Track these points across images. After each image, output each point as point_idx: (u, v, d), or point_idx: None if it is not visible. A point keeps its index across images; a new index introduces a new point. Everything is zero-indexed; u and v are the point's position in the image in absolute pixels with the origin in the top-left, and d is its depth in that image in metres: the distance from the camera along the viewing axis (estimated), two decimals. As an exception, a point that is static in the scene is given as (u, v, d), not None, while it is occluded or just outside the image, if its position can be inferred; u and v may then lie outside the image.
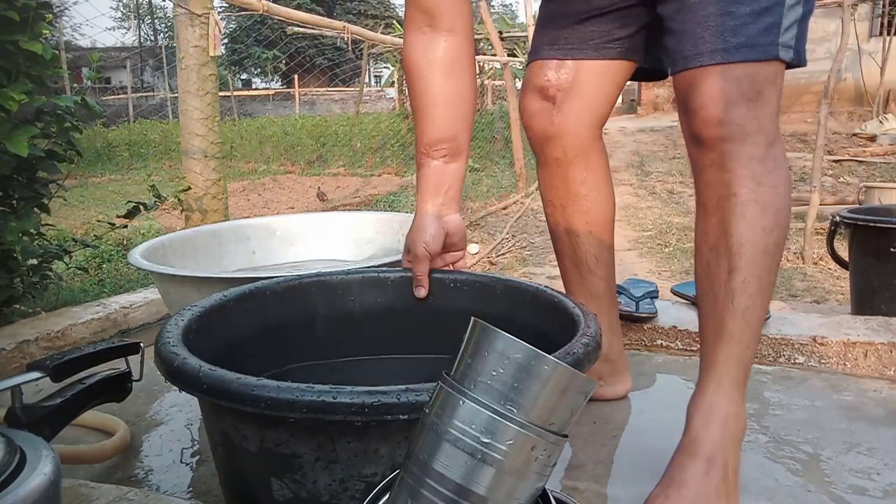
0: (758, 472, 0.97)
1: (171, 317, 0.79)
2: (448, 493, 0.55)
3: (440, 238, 1.00)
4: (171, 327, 0.79)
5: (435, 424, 0.57)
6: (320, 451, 0.65)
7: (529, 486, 0.57)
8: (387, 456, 0.66)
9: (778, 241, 0.87)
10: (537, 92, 1.11)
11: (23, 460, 0.58)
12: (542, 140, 1.12)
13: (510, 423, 0.55)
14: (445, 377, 0.59)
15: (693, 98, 0.86)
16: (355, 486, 0.67)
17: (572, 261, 1.16)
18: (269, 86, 26.64)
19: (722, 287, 0.86)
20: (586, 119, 1.10)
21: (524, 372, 0.55)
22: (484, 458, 0.55)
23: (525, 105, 1.13)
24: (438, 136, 1.00)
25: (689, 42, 0.87)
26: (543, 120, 1.11)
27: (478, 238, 4.97)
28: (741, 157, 0.84)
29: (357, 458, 0.65)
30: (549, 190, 1.16)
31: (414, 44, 0.99)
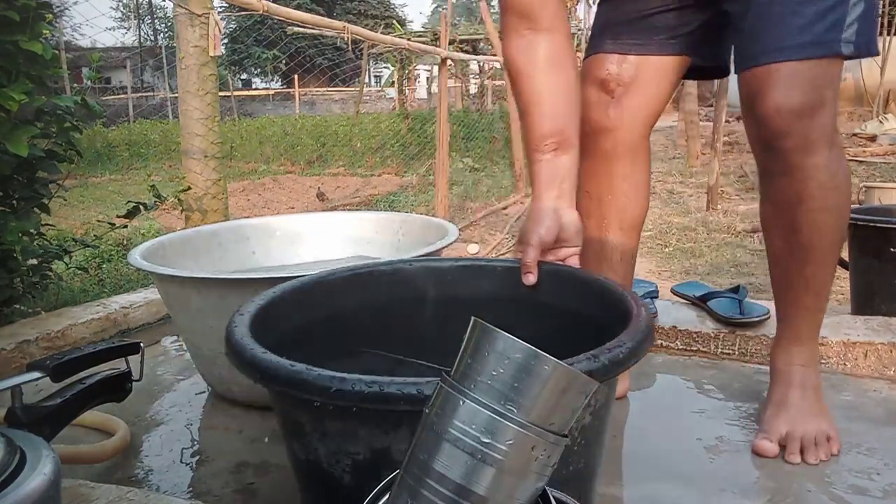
0: (758, 472, 0.97)
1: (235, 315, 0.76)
2: (448, 493, 0.55)
3: (554, 231, 0.96)
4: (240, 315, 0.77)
5: (435, 424, 0.57)
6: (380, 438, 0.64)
7: (529, 486, 0.57)
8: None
9: (843, 228, 1.01)
10: (597, 84, 1.13)
11: (23, 460, 0.58)
12: (596, 131, 1.13)
13: (510, 423, 0.55)
14: (445, 377, 0.59)
15: (761, 104, 0.93)
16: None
17: (596, 255, 1.17)
18: (269, 86, 26.64)
19: (795, 274, 1.03)
20: (642, 116, 1.13)
21: (524, 372, 0.55)
22: (484, 458, 0.55)
23: (584, 95, 1.12)
24: (548, 131, 0.98)
25: (757, 40, 0.93)
26: (600, 112, 1.12)
27: (478, 238, 4.97)
28: (808, 168, 0.94)
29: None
30: (590, 180, 1.16)
31: (516, 46, 0.99)
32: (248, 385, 1.18)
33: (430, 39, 9.55)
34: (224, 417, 1.20)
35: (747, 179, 6.97)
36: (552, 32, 0.98)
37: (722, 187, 6.07)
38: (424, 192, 6.89)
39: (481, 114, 10.35)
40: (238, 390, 1.21)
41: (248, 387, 1.19)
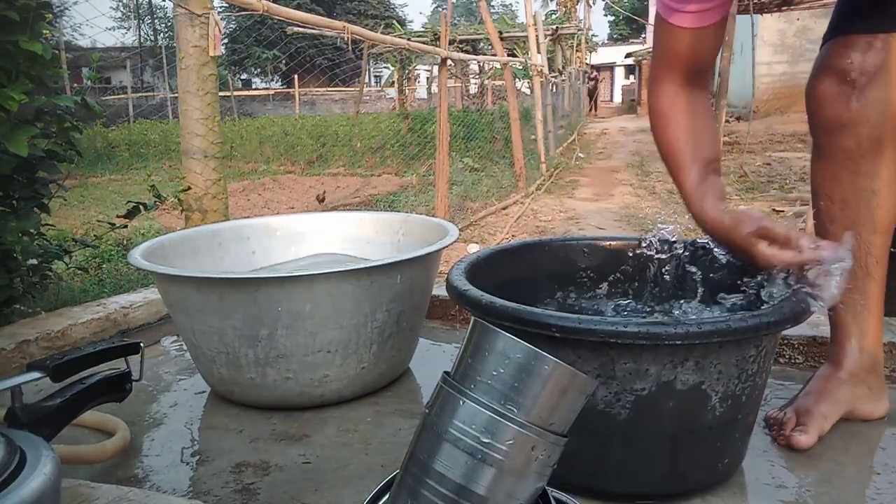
0: (758, 472, 0.97)
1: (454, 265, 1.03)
2: (448, 493, 0.55)
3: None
4: (457, 267, 1.01)
5: (435, 424, 0.57)
6: (601, 370, 0.81)
7: (529, 485, 0.57)
8: (654, 374, 0.80)
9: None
10: (835, 74, 1.02)
11: (23, 460, 0.58)
12: (833, 128, 1.04)
13: (510, 423, 0.55)
14: (446, 377, 0.59)
15: None
16: (626, 398, 0.82)
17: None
18: (269, 86, 26.63)
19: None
20: (890, 107, 1.01)
21: (524, 372, 0.55)
22: (484, 458, 0.55)
23: (817, 88, 1.04)
24: (712, 155, 1.02)
25: None
26: (838, 106, 1.02)
27: (478, 238, 4.96)
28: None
29: (630, 375, 0.81)
30: (830, 183, 1.07)
31: (672, 94, 1.03)
32: (248, 385, 1.18)
33: (430, 39, 9.56)
34: (224, 417, 1.20)
35: (747, 179, 6.97)
36: (703, 90, 1.06)
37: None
38: (424, 192, 6.88)
39: (481, 114, 10.35)
40: (238, 390, 1.21)
41: (248, 387, 1.19)
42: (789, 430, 1.02)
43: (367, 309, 1.17)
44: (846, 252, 0.85)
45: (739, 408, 0.86)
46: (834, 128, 1.03)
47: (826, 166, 1.07)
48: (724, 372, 0.83)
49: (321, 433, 1.13)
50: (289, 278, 1.11)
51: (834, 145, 1.05)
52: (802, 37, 13.40)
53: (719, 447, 0.88)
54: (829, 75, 1.03)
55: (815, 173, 1.09)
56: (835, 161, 1.06)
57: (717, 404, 0.84)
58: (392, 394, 1.28)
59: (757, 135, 10.23)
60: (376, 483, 0.65)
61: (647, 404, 0.82)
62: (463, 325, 1.65)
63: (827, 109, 1.04)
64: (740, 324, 0.78)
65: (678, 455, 0.87)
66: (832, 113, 1.03)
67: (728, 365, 0.82)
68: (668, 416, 0.83)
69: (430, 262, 1.30)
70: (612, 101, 34.46)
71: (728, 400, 0.84)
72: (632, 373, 0.81)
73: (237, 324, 1.13)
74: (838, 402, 1.06)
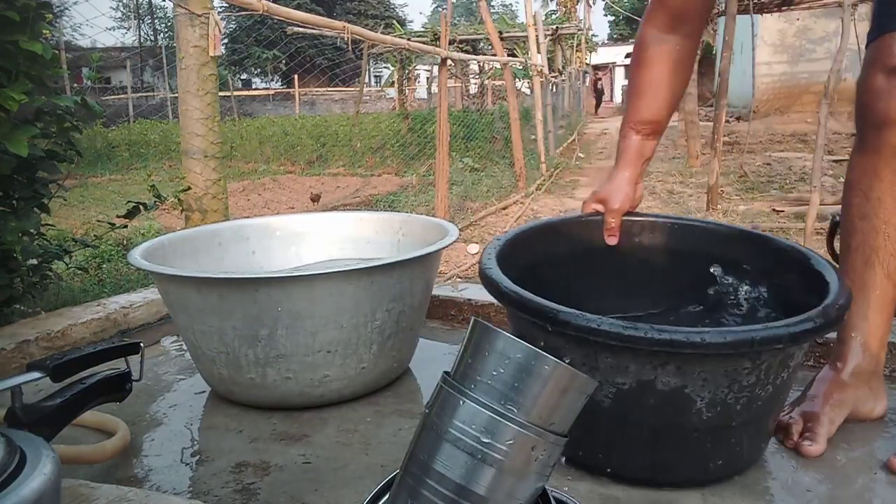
0: (758, 471, 0.97)
1: (487, 247, 1.06)
2: (448, 493, 0.55)
3: (630, 199, 1.17)
4: (489, 251, 1.05)
5: (435, 424, 0.57)
6: (586, 360, 0.85)
7: (529, 485, 0.57)
8: (634, 372, 0.83)
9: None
10: (886, 71, 1.01)
11: (23, 460, 0.58)
12: (883, 123, 1.03)
13: (510, 423, 0.55)
14: (446, 377, 0.59)
15: None
16: (609, 389, 0.85)
17: (867, 261, 1.07)
18: (269, 86, 26.63)
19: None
20: None
21: (524, 372, 0.55)
22: (484, 458, 0.55)
23: (869, 83, 1.04)
24: (649, 118, 1.15)
25: None
26: (890, 101, 1.01)
27: (478, 238, 4.96)
28: None
29: (611, 369, 0.84)
30: (871, 179, 1.06)
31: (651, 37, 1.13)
32: (248, 385, 1.18)
33: (430, 39, 9.56)
34: (224, 417, 1.20)
35: (747, 179, 6.97)
36: (687, 38, 1.11)
37: (722, 187, 6.07)
38: (424, 192, 6.89)
39: (481, 114, 10.35)
40: (238, 390, 1.21)
41: (248, 387, 1.19)
42: (797, 437, 1.02)
43: (367, 309, 1.17)
44: None
45: (733, 415, 0.86)
46: (884, 123, 1.02)
47: (868, 161, 1.06)
48: (711, 380, 0.82)
49: (321, 433, 1.13)
50: (289, 278, 1.11)
51: (881, 141, 1.04)
52: (802, 37, 13.39)
53: (709, 448, 0.88)
54: (879, 70, 1.02)
55: (855, 167, 1.09)
56: (879, 157, 1.05)
57: (704, 409, 0.84)
58: (392, 394, 1.28)
59: (757, 135, 10.23)
60: (376, 483, 0.65)
61: (629, 397, 0.84)
62: (463, 325, 1.65)
63: (879, 104, 1.02)
64: (717, 339, 0.78)
65: (661, 448, 0.88)
66: (883, 108, 1.02)
67: (715, 374, 0.82)
68: (650, 411, 0.85)
69: (430, 262, 1.30)
70: (613, 102, 34.46)
71: (717, 406, 0.84)
72: (612, 367, 0.84)
73: (237, 324, 1.13)
74: (843, 405, 1.06)
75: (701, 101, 10.09)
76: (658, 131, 1.17)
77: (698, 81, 5.91)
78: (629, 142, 1.17)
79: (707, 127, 8.59)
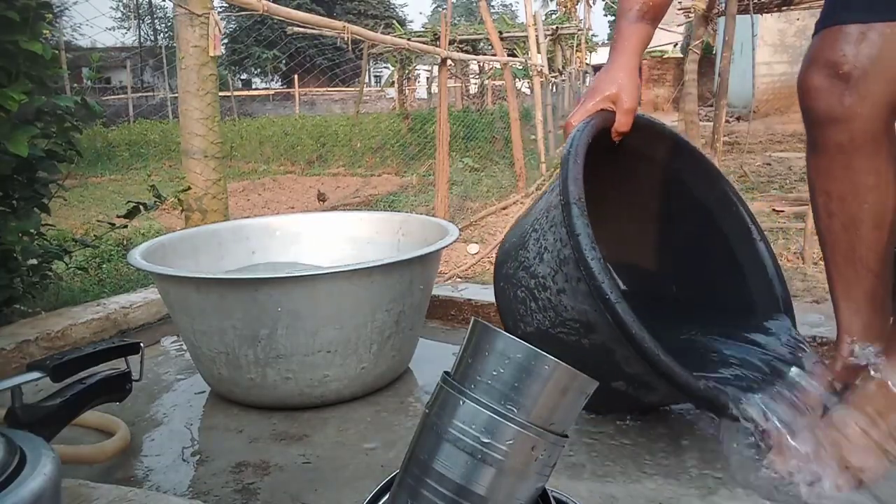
0: (758, 471, 0.97)
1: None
2: (448, 493, 0.55)
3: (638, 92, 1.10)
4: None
5: (435, 425, 0.57)
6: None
7: (529, 486, 0.57)
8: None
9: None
10: (827, 67, 0.98)
11: (23, 460, 0.58)
12: (825, 122, 1.01)
13: (510, 423, 0.55)
14: (446, 377, 0.59)
15: None
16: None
17: (847, 259, 1.05)
18: (269, 86, 26.62)
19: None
20: (885, 101, 0.97)
21: (524, 372, 0.55)
22: (484, 458, 0.55)
23: (808, 82, 1.01)
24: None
25: None
26: (830, 100, 0.98)
27: (478, 238, 4.96)
28: None
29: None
30: (825, 179, 1.04)
31: None
32: (248, 385, 1.18)
33: (430, 39, 9.56)
34: (224, 417, 1.20)
35: (747, 179, 6.97)
36: None
37: (722, 187, 6.05)
38: (424, 192, 6.88)
39: (481, 114, 10.35)
40: (238, 390, 1.21)
41: (248, 387, 1.19)
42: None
43: (367, 309, 1.17)
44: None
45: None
46: (826, 122, 1.00)
47: (820, 162, 1.05)
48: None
49: (321, 433, 1.13)
50: (289, 278, 1.11)
51: (827, 140, 1.02)
52: (802, 37, 13.38)
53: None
54: (821, 68, 0.99)
55: (811, 169, 1.07)
56: (828, 156, 1.03)
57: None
58: (392, 394, 1.28)
59: (757, 135, 10.23)
60: (376, 483, 0.65)
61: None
62: (463, 325, 1.65)
63: (819, 104, 1.00)
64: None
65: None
66: (824, 107, 1.00)
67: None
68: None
69: (430, 262, 1.30)
70: (612, 101, 34.29)
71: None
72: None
73: (237, 324, 1.13)
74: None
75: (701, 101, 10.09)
76: (660, 14, 1.10)
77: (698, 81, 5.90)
78: (633, 27, 1.09)
79: (707, 127, 8.59)
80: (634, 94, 1.08)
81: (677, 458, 1.02)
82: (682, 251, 1.32)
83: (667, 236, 1.34)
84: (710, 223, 1.26)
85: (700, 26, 6.19)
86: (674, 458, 1.02)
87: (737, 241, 1.25)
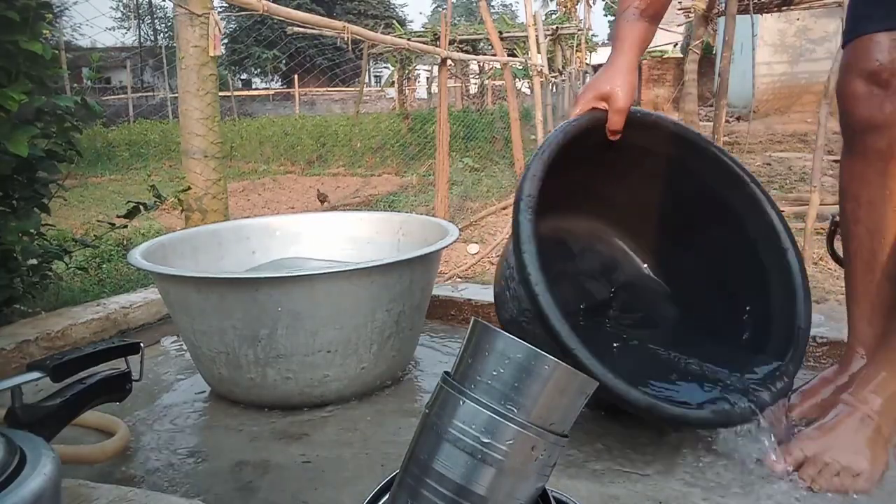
0: (758, 471, 0.97)
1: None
2: (448, 493, 0.55)
3: (634, 92, 1.09)
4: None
5: (435, 424, 0.57)
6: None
7: (529, 486, 0.57)
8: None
9: None
10: (864, 75, 1.00)
11: (23, 460, 0.58)
12: (866, 128, 1.02)
13: (510, 423, 0.55)
14: (446, 377, 0.59)
15: None
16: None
17: (868, 265, 1.06)
18: (269, 86, 26.63)
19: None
20: None
21: (524, 372, 0.55)
22: (484, 458, 0.55)
23: (848, 88, 1.03)
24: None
25: None
26: (871, 107, 1.00)
27: (478, 238, 4.96)
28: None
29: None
30: (859, 183, 1.06)
31: None
32: (248, 385, 1.18)
33: (430, 39, 9.55)
34: (224, 417, 1.20)
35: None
36: None
37: (722, 187, 6.05)
38: (424, 192, 6.88)
39: (481, 114, 10.35)
40: (238, 390, 1.21)
41: (248, 387, 1.19)
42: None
43: (367, 309, 1.17)
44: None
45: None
46: (866, 129, 1.02)
47: (855, 166, 1.06)
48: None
49: (321, 433, 1.13)
50: (289, 278, 1.11)
51: (865, 146, 1.03)
52: (802, 37, 13.39)
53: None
54: (859, 76, 1.01)
55: (844, 173, 1.09)
56: (865, 162, 1.04)
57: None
58: (392, 394, 1.28)
59: (757, 135, 10.22)
60: (376, 483, 0.65)
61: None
62: (463, 325, 1.65)
63: (859, 110, 1.02)
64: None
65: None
66: (865, 114, 1.02)
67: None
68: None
69: (430, 262, 1.30)
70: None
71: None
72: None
73: (237, 324, 1.13)
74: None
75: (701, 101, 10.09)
76: (660, 12, 1.10)
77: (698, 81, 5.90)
78: (631, 25, 1.09)
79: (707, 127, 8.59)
80: (628, 93, 1.07)
81: (678, 458, 1.02)
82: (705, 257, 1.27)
83: (687, 240, 1.29)
84: (737, 225, 1.20)
85: (700, 26, 6.19)
86: (674, 458, 1.02)
87: (763, 249, 1.18)
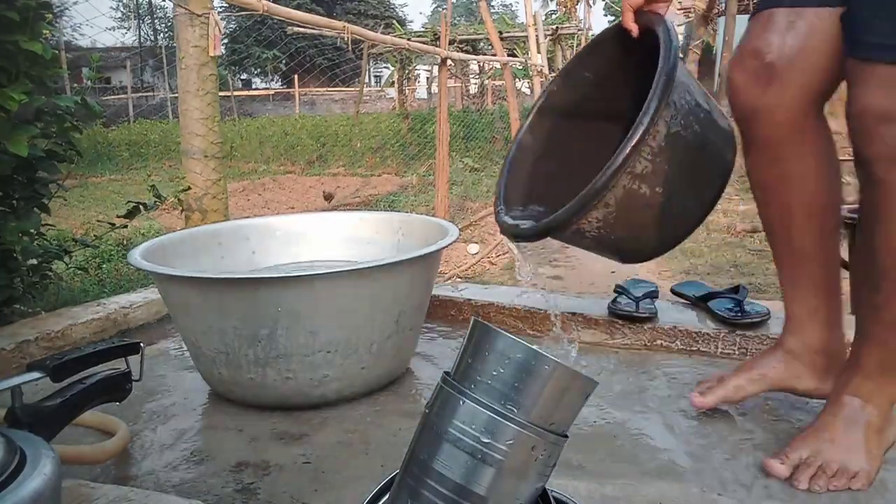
0: (759, 470, 0.97)
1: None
2: (448, 493, 0.55)
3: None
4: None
5: (435, 424, 0.57)
6: None
7: (529, 486, 0.57)
8: None
9: None
10: (750, 58, 0.99)
11: (23, 460, 0.58)
12: (750, 115, 1.01)
13: (510, 423, 0.55)
14: (446, 377, 0.59)
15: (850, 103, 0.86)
16: None
17: (786, 247, 1.07)
18: (269, 86, 26.64)
19: (868, 303, 0.94)
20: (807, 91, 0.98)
21: (524, 372, 0.55)
22: (484, 458, 0.55)
23: (731, 74, 1.02)
24: None
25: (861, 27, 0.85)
26: (754, 91, 0.99)
27: (478, 238, 4.96)
28: (890, 182, 0.85)
29: None
30: (757, 171, 1.06)
31: None
32: (248, 385, 1.18)
33: (430, 39, 9.55)
34: (224, 417, 1.20)
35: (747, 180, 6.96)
36: None
37: (722, 187, 6.05)
38: (424, 192, 6.89)
39: (481, 114, 10.35)
40: (238, 390, 1.21)
41: (248, 387, 1.19)
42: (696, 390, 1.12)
43: (367, 309, 1.17)
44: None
45: None
46: (750, 115, 1.01)
47: (751, 154, 1.06)
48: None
49: (321, 433, 1.13)
50: (289, 278, 1.11)
51: (753, 133, 1.03)
52: (802, 37, 13.37)
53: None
54: (744, 59, 1.00)
55: (745, 163, 1.08)
56: (756, 149, 1.04)
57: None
58: (392, 394, 1.28)
59: (757, 135, 10.21)
60: (376, 483, 0.65)
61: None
62: (463, 325, 1.65)
63: (741, 97, 1.01)
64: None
65: None
66: (747, 100, 1.00)
67: None
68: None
69: (430, 262, 1.30)
70: (612, 101, 34.30)
71: None
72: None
73: (237, 324, 1.13)
74: (761, 378, 1.09)
75: (701, 101, 10.07)
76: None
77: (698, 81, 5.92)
78: None
79: (707, 127, 8.57)
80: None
81: (678, 459, 1.02)
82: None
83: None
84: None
85: (700, 26, 6.20)
86: (675, 458, 1.02)
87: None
